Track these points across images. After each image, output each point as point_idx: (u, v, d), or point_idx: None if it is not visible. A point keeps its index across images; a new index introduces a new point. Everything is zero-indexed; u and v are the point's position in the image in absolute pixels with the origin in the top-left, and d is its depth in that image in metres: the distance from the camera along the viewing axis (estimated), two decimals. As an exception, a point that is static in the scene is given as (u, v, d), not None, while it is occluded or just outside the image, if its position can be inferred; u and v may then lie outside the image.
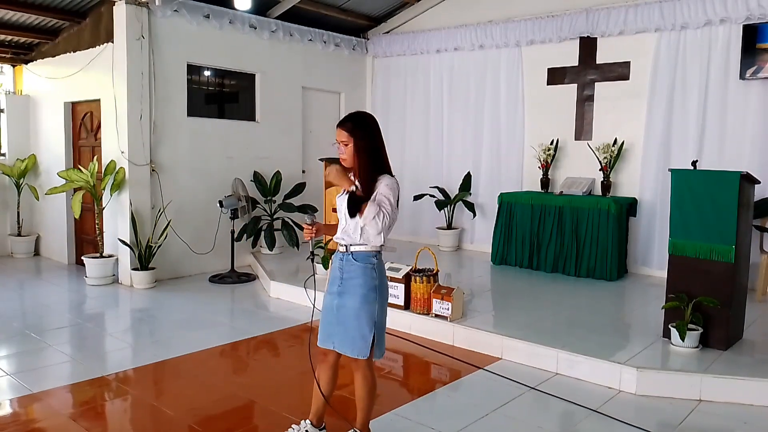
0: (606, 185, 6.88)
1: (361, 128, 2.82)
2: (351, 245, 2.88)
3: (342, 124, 2.85)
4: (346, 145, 2.82)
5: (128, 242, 6.42)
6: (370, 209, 2.72)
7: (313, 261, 3.00)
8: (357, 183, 2.84)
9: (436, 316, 4.91)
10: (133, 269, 6.43)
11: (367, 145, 2.81)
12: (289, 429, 3.11)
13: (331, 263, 3.02)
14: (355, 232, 2.86)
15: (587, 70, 7.26)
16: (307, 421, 3.11)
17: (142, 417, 3.61)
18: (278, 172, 7.77)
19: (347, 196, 2.80)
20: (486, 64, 8.09)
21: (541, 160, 7.38)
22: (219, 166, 7.29)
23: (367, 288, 2.86)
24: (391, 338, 4.90)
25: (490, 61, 8.04)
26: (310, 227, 2.94)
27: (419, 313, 5.01)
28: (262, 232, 7.48)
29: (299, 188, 7.82)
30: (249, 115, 7.81)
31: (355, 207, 2.76)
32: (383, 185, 2.78)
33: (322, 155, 7.34)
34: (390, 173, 2.87)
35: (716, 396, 3.73)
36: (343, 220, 2.90)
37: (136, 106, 6.44)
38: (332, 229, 3.04)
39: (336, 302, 2.91)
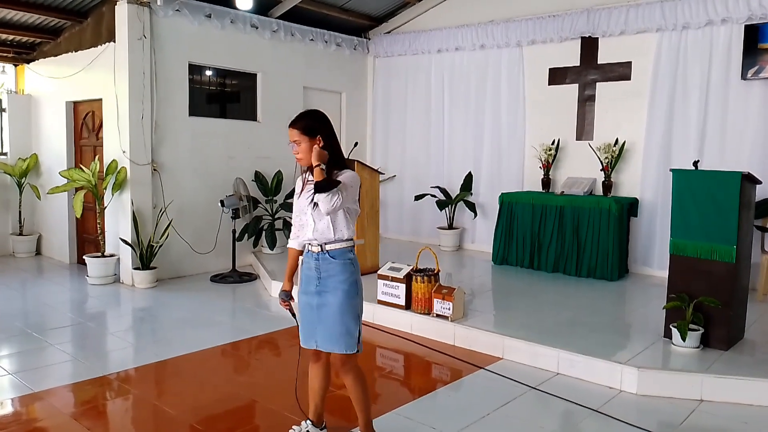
0: (607, 185, 6.88)
1: (315, 126, 2.83)
2: (326, 243, 2.87)
3: (294, 124, 2.85)
4: (300, 144, 2.82)
5: (130, 242, 6.43)
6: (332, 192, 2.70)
7: (296, 319, 3.06)
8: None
9: (437, 315, 4.91)
10: (135, 269, 6.43)
11: (324, 142, 2.82)
12: (289, 430, 3.10)
13: (301, 263, 3.00)
14: (328, 230, 2.85)
15: (588, 70, 7.26)
16: (308, 421, 3.11)
17: (143, 416, 3.62)
18: (279, 171, 7.78)
19: (314, 184, 2.74)
20: (487, 64, 8.09)
21: (542, 160, 7.38)
22: (220, 165, 7.29)
23: (348, 284, 2.87)
24: (392, 338, 4.92)
25: (491, 61, 8.04)
26: (286, 302, 3.05)
27: (420, 313, 5.01)
28: (264, 232, 7.49)
29: (300, 188, 7.81)
30: (250, 114, 7.82)
31: (327, 185, 2.70)
32: (344, 176, 2.80)
33: (324, 155, 7.34)
34: (346, 167, 2.88)
35: (717, 396, 3.73)
36: (311, 220, 2.88)
37: (138, 105, 6.44)
38: (293, 269, 3.05)
39: (315, 301, 2.90)
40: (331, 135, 2.88)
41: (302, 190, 2.94)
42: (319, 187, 2.70)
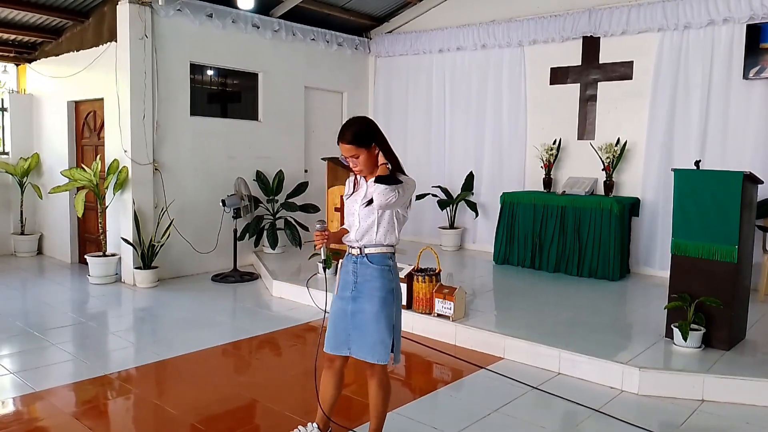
0: (608, 185, 6.88)
1: (367, 136, 2.75)
2: (366, 246, 2.80)
3: (346, 140, 2.73)
4: (357, 157, 2.75)
5: (131, 241, 6.44)
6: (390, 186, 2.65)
7: (326, 268, 2.77)
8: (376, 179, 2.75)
9: (439, 315, 4.91)
10: (136, 268, 6.44)
11: (381, 149, 2.77)
12: (294, 430, 3.08)
13: (339, 267, 2.92)
14: (371, 232, 2.78)
15: (590, 70, 7.25)
16: (314, 425, 3.08)
17: (144, 416, 3.62)
18: (281, 171, 7.78)
19: (376, 177, 2.68)
20: (488, 63, 8.08)
21: (544, 159, 7.38)
22: (221, 165, 7.30)
23: (385, 291, 2.79)
24: (393, 338, 4.91)
25: (492, 61, 8.04)
26: (323, 234, 2.80)
27: (421, 313, 5.01)
28: (265, 232, 7.49)
29: (301, 187, 7.82)
30: (252, 114, 7.82)
31: (389, 179, 2.65)
32: (403, 178, 2.75)
33: (325, 155, 7.35)
34: (403, 172, 2.83)
35: (719, 396, 3.72)
36: (357, 221, 2.81)
37: (139, 105, 6.45)
38: (339, 235, 2.93)
39: (350, 307, 2.81)
40: (384, 140, 2.80)
41: (353, 192, 2.88)
42: (380, 179, 2.64)
